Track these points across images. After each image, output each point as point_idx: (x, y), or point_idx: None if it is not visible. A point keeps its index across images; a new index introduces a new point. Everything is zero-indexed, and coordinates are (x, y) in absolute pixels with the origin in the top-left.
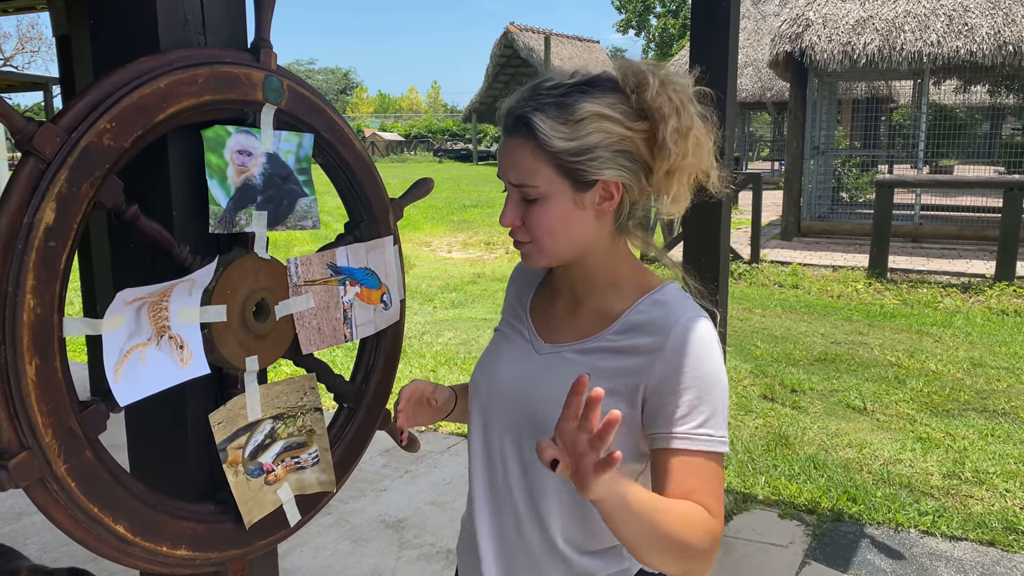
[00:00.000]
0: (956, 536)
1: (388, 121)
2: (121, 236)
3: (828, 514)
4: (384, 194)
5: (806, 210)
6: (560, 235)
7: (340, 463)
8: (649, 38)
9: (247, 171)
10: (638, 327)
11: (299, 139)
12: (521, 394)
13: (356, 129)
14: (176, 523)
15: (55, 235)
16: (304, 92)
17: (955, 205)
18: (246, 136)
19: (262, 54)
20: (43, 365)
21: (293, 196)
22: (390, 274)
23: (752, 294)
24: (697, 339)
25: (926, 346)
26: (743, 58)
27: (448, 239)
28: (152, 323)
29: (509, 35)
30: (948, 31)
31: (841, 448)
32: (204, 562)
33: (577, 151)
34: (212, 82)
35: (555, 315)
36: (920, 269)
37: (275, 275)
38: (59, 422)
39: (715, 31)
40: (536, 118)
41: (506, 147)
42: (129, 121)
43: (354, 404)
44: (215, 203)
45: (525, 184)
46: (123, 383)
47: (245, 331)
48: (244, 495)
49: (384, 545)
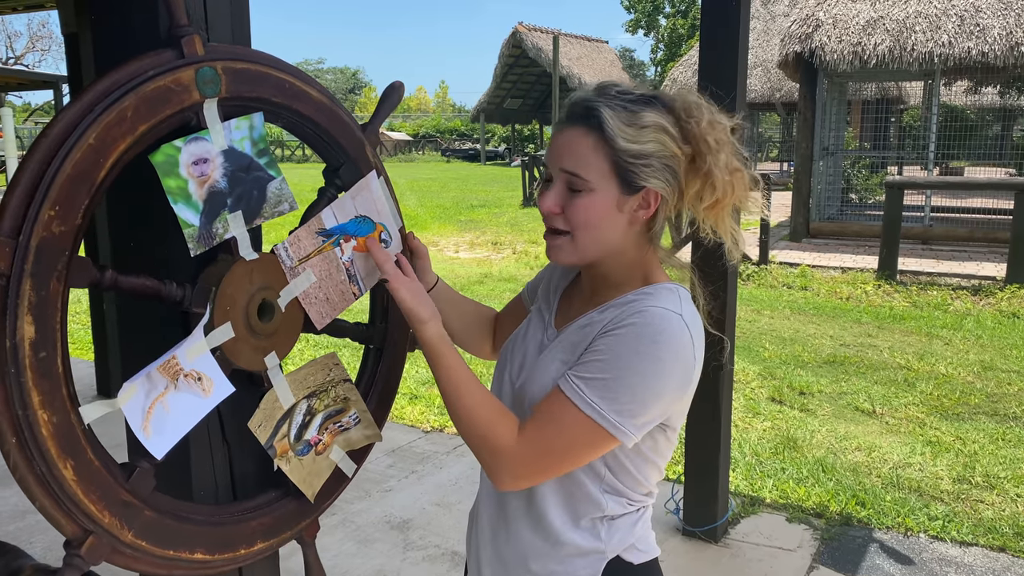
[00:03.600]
0: (966, 541)
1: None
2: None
3: (837, 518)
4: (355, 131)
5: (815, 211)
6: (595, 232)
7: (381, 402)
8: (658, 38)
9: (208, 179)
10: (612, 307)
11: (249, 122)
12: (514, 368)
13: None
14: (244, 526)
15: (43, 345)
16: (242, 65)
17: (965, 207)
18: (197, 144)
19: (184, 44)
20: (78, 463)
21: (261, 184)
22: (382, 210)
23: (760, 295)
24: (642, 322)
25: (936, 349)
26: (752, 59)
27: (455, 239)
28: (165, 374)
29: (517, 35)
30: (960, 32)
31: (850, 451)
32: (282, 542)
33: (636, 154)
34: (142, 110)
35: (572, 308)
36: (930, 271)
37: (269, 269)
38: (111, 501)
39: (724, 33)
40: (606, 113)
41: (565, 135)
42: (71, 197)
43: (380, 344)
44: (187, 225)
45: (578, 173)
46: (154, 437)
47: (255, 336)
48: (300, 476)
49: (389, 546)
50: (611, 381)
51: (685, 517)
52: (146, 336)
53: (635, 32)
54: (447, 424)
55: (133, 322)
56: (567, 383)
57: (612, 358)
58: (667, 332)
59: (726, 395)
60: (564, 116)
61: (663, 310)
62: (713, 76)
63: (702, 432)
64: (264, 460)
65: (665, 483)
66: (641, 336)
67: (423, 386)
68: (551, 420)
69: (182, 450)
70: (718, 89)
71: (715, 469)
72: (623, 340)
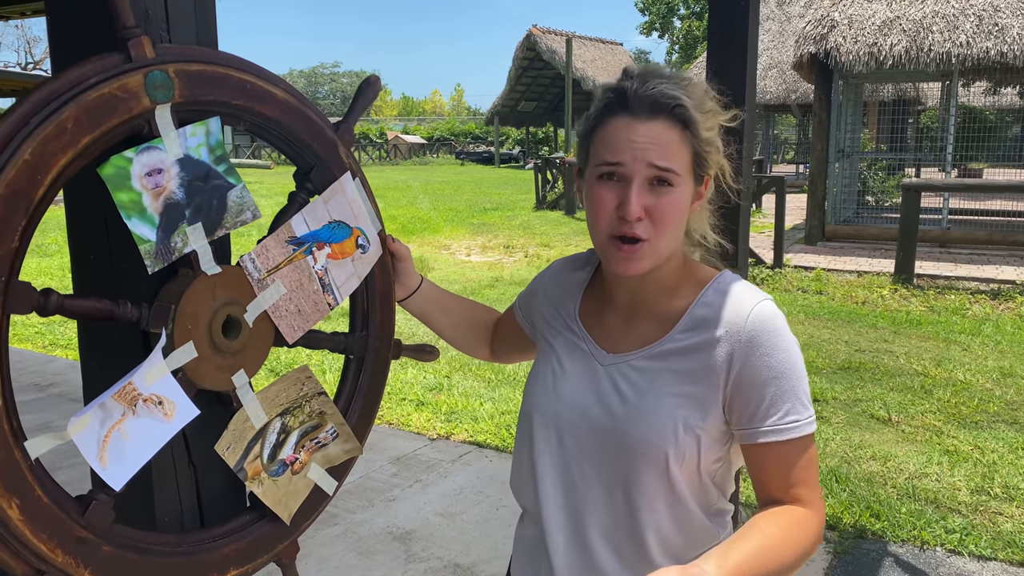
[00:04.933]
0: (984, 555)
1: (411, 124)
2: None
3: (850, 531)
4: (326, 131)
5: (831, 214)
6: (677, 231)
7: (363, 414)
8: (673, 40)
9: (164, 190)
10: (706, 321)
11: (205, 127)
12: (592, 410)
13: (379, 132)
14: (215, 554)
15: None
16: (197, 67)
17: (984, 209)
18: (149, 154)
19: (132, 48)
20: (25, 501)
21: (221, 192)
22: (359, 213)
23: (775, 299)
24: (770, 324)
25: (954, 355)
26: (768, 60)
27: (467, 242)
28: (121, 401)
29: (532, 37)
30: (978, 32)
31: (864, 461)
32: (257, 567)
33: (708, 141)
34: (84, 121)
35: (609, 324)
36: (948, 275)
37: (234, 282)
38: (64, 538)
39: (732, 37)
40: (687, 103)
41: (648, 129)
42: (6, 218)
43: (361, 353)
44: (143, 240)
45: (671, 169)
46: (112, 466)
47: (221, 355)
48: (275, 497)
49: (391, 558)
50: (797, 391)
51: None
52: (108, 360)
53: (650, 34)
54: (453, 431)
55: (93, 344)
56: (781, 431)
57: (781, 374)
58: (780, 318)
59: None
60: (634, 108)
61: (763, 303)
62: (721, 78)
63: None
64: (237, 481)
65: None
66: (778, 337)
67: (430, 392)
68: (806, 468)
69: (143, 475)
70: (727, 90)
71: None
72: (773, 352)
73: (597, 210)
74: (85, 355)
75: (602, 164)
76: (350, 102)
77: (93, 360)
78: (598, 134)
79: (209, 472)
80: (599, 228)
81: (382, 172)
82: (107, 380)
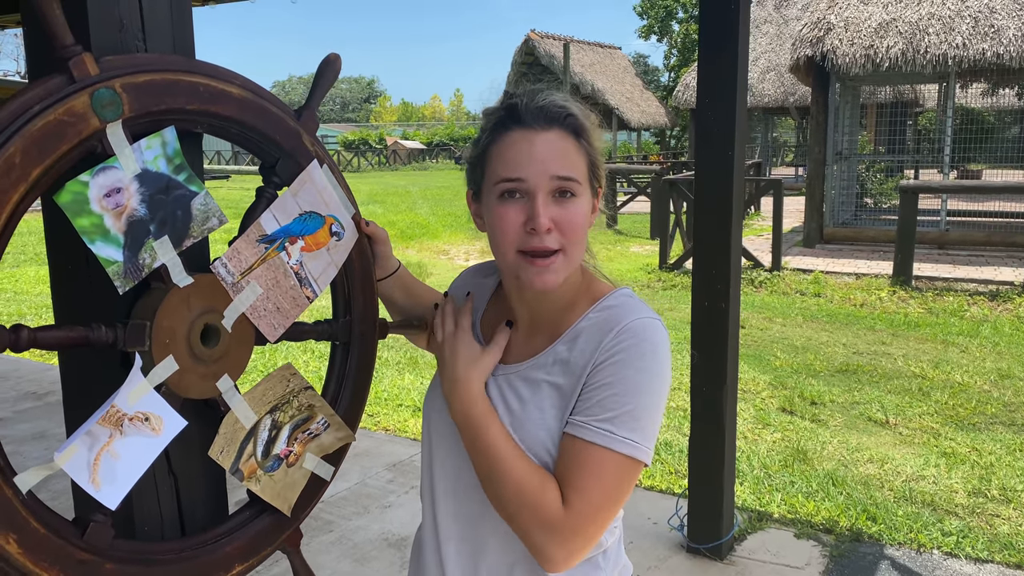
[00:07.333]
0: (981, 558)
1: (411, 129)
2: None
3: (847, 534)
4: (288, 121)
5: (829, 216)
6: (582, 242)
7: (354, 399)
8: (671, 44)
9: (125, 208)
10: (584, 332)
11: (160, 138)
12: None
13: (378, 138)
14: (219, 553)
15: None
16: (145, 77)
17: (983, 211)
18: (106, 174)
19: (73, 67)
20: (22, 535)
21: (184, 202)
22: (330, 200)
23: (772, 303)
24: (635, 339)
25: (952, 357)
26: (765, 63)
27: (466, 247)
28: (107, 425)
29: (530, 42)
30: (974, 33)
31: (861, 463)
32: (262, 559)
33: (599, 151)
34: (32, 152)
35: (511, 337)
36: (946, 277)
37: (209, 290)
38: (66, 563)
39: (724, 42)
40: (577, 112)
41: (545, 140)
42: None
43: (346, 339)
44: (109, 262)
45: (572, 177)
46: (105, 487)
47: (202, 364)
48: (273, 492)
49: (385, 565)
50: (634, 410)
51: (689, 534)
52: (90, 386)
53: (648, 38)
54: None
55: (73, 372)
56: (592, 432)
57: (626, 387)
58: (656, 341)
59: (730, 408)
60: (539, 119)
61: (644, 320)
62: (712, 85)
63: (706, 446)
64: (219, 489)
65: (669, 498)
66: (642, 354)
67: None
68: (591, 476)
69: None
70: (719, 96)
71: (720, 483)
72: (627, 364)
73: (504, 228)
74: (67, 383)
75: (502, 181)
76: (320, 91)
77: (75, 387)
78: (493, 152)
79: (189, 480)
80: (506, 247)
81: (381, 178)
82: (90, 405)
